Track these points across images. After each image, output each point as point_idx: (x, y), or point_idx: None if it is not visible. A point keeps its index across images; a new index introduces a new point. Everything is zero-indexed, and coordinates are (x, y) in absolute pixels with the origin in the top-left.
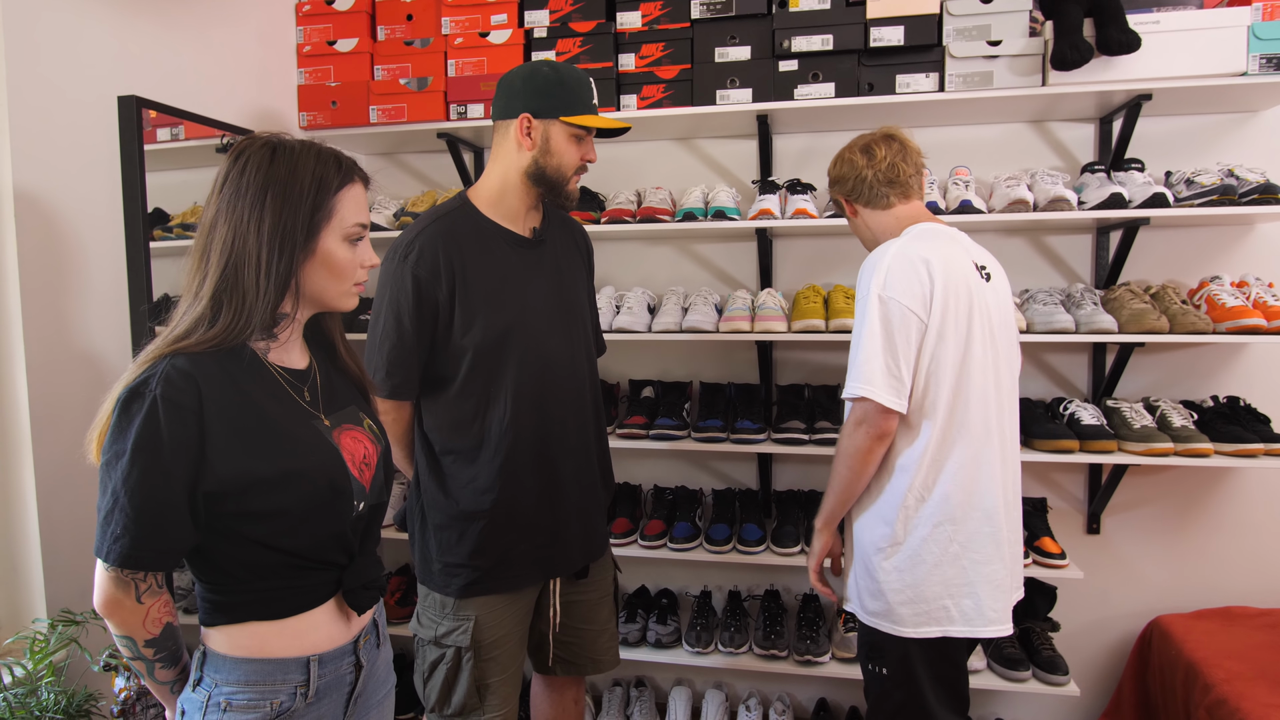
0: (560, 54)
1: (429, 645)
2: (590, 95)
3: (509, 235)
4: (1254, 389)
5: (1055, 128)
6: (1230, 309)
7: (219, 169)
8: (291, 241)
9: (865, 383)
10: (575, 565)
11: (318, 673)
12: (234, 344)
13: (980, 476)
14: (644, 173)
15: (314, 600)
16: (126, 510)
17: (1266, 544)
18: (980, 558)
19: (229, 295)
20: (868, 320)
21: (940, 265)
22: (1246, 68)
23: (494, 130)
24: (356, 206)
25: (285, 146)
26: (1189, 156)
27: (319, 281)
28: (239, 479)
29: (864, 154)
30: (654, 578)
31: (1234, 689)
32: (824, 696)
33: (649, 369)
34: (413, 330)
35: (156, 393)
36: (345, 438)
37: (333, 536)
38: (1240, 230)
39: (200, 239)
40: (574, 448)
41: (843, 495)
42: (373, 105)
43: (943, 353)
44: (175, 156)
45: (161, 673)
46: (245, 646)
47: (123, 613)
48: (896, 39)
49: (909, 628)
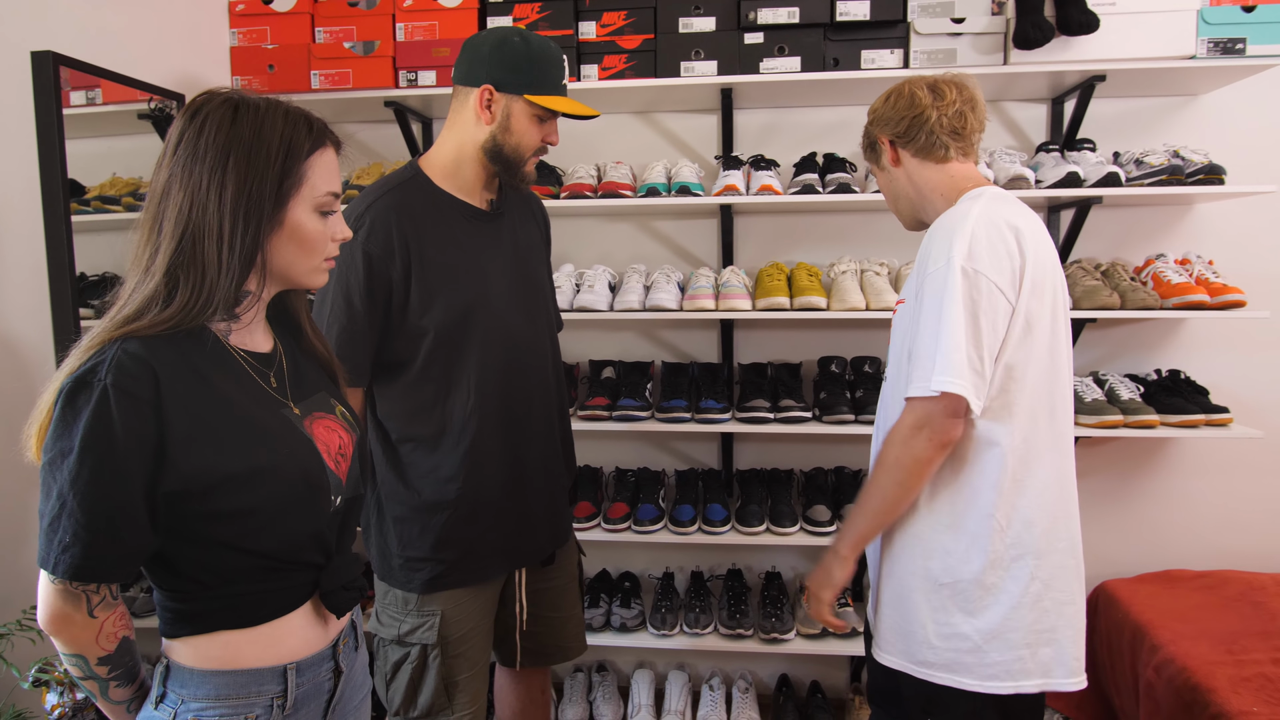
0: (518, 20)
1: (391, 645)
2: (561, 75)
3: (465, 208)
4: (1193, 362)
5: (1010, 107)
6: (1176, 285)
7: (173, 128)
8: (258, 211)
9: (951, 374)
10: (543, 553)
11: (295, 682)
12: (192, 325)
13: (1064, 499)
14: (602, 147)
15: (289, 604)
16: (76, 515)
17: (1202, 510)
18: (1064, 597)
19: (186, 270)
20: (950, 297)
21: (1030, 236)
22: (1195, 51)
23: (453, 94)
24: (328, 173)
25: (249, 104)
26: (1135, 138)
27: (287, 256)
28: (204, 476)
29: (931, 92)
30: (615, 561)
31: (1179, 648)
32: (785, 673)
33: (609, 349)
34: (364, 311)
35: (107, 381)
36: (318, 427)
37: (309, 535)
38: (1181, 210)
39: (150, 208)
40: (539, 431)
41: (884, 515)
42: (314, 70)
43: (1029, 345)
44: (91, 122)
45: (116, 692)
46: (215, 658)
47: (73, 629)
48: (862, 14)
49: (974, 679)
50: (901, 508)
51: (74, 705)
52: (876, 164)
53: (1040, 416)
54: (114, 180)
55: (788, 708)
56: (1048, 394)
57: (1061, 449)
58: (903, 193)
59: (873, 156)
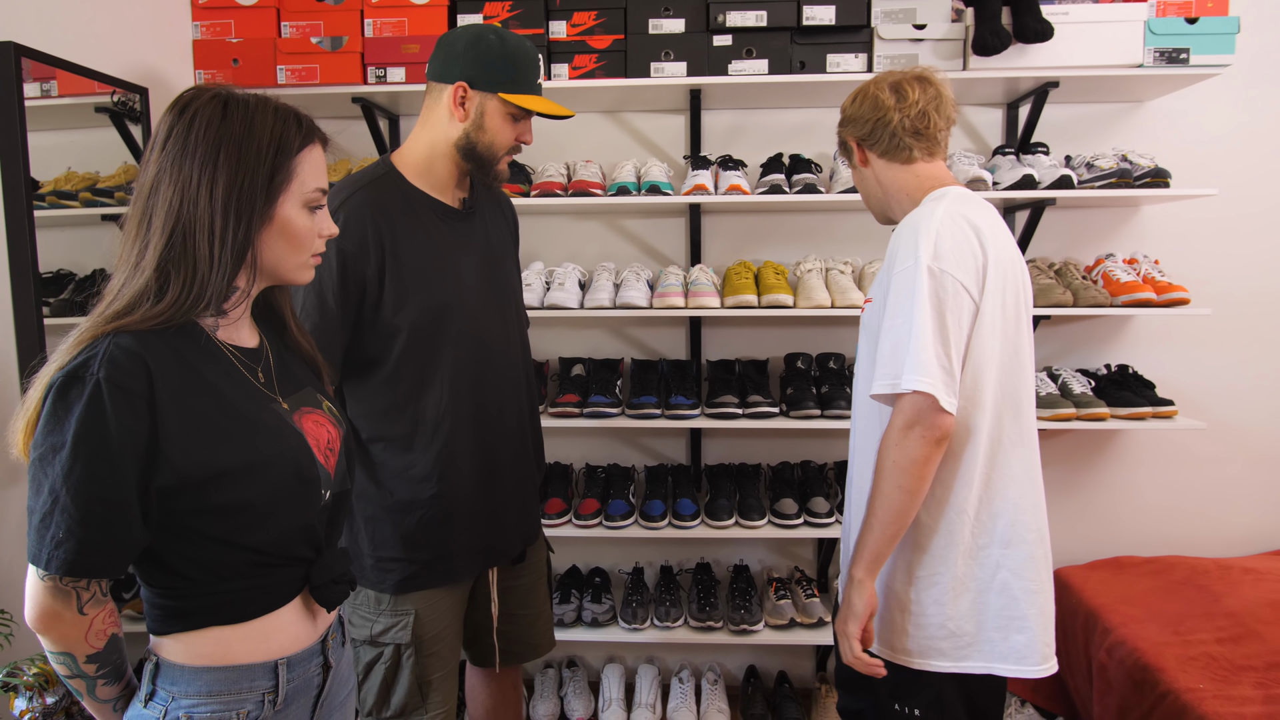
0: (489, 17)
1: (364, 645)
2: (536, 74)
3: (439, 206)
4: (1139, 357)
5: (967, 111)
6: (1125, 284)
7: (160, 124)
8: (249, 207)
9: (922, 374)
10: (514, 551)
11: (286, 677)
12: (184, 319)
13: (1030, 492)
14: (571, 146)
15: (280, 599)
16: (69, 511)
17: (1147, 498)
18: (1033, 586)
19: (177, 265)
20: (917, 297)
21: (990, 235)
22: (1143, 60)
23: (426, 91)
24: (317, 169)
25: (238, 100)
26: (1086, 142)
27: (277, 252)
28: (198, 471)
29: (893, 92)
30: (585, 557)
31: (1130, 631)
32: (753, 664)
33: (578, 346)
34: (337, 309)
35: (100, 376)
36: (307, 421)
37: (299, 529)
38: (1128, 211)
39: (139, 203)
40: (510, 430)
41: (894, 525)
42: (280, 65)
43: (992, 343)
44: (46, 115)
45: (104, 690)
46: (206, 654)
47: (62, 626)
48: (828, 18)
49: (948, 661)
50: (910, 514)
51: (43, 710)
52: (849, 163)
53: (1006, 411)
54: (69, 175)
55: (755, 698)
56: (1013, 389)
57: (1027, 442)
58: (872, 192)
59: (845, 155)
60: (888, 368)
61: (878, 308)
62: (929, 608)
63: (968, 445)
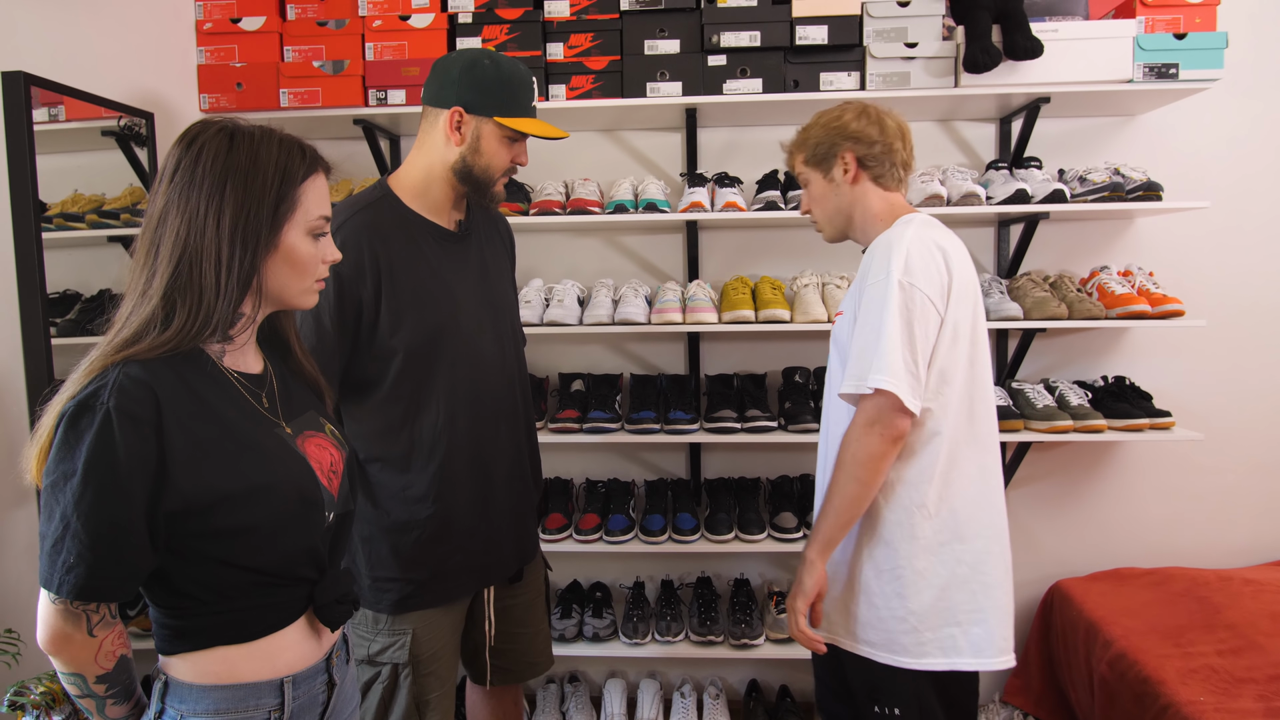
0: (487, 40)
1: (361, 664)
2: (530, 97)
3: (434, 229)
4: (1137, 368)
5: (960, 126)
6: (1119, 296)
7: (168, 156)
8: (255, 235)
9: (887, 374)
10: (510, 570)
11: (292, 695)
12: (189, 346)
13: (989, 491)
14: (570, 164)
15: (285, 619)
16: (80, 536)
17: (1148, 509)
18: (991, 580)
19: (183, 293)
20: (888, 307)
21: (954, 256)
22: (1132, 75)
23: (422, 115)
24: (320, 198)
25: (244, 133)
26: (1079, 156)
27: (281, 278)
28: (204, 496)
29: (896, 124)
30: (586, 571)
31: (1131, 643)
32: (755, 678)
33: (578, 362)
34: (334, 331)
35: (109, 405)
36: (310, 445)
37: (304, 551)
38: (1123, 224)
39: (147, 233)
40: (506, 449)
41: (847, 514)
42: (283, 88)
43: (955, 353)
44: (53, 139)
45: (113, 709)
46: (213, 673)
47: (72, 648)
48: (821, 38)
49: (911, 658)
50: (863, 505)
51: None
52: (823, 173)
53: (963, 415)
54: (75, 197)
55: (757, 712)
56: (969, 395)
57: (983, 445)
58: (842, 209)
59: (821, 165)
60: (855, 368)
61: (848, 321)
62: (891, 600)
63: (929, 445)
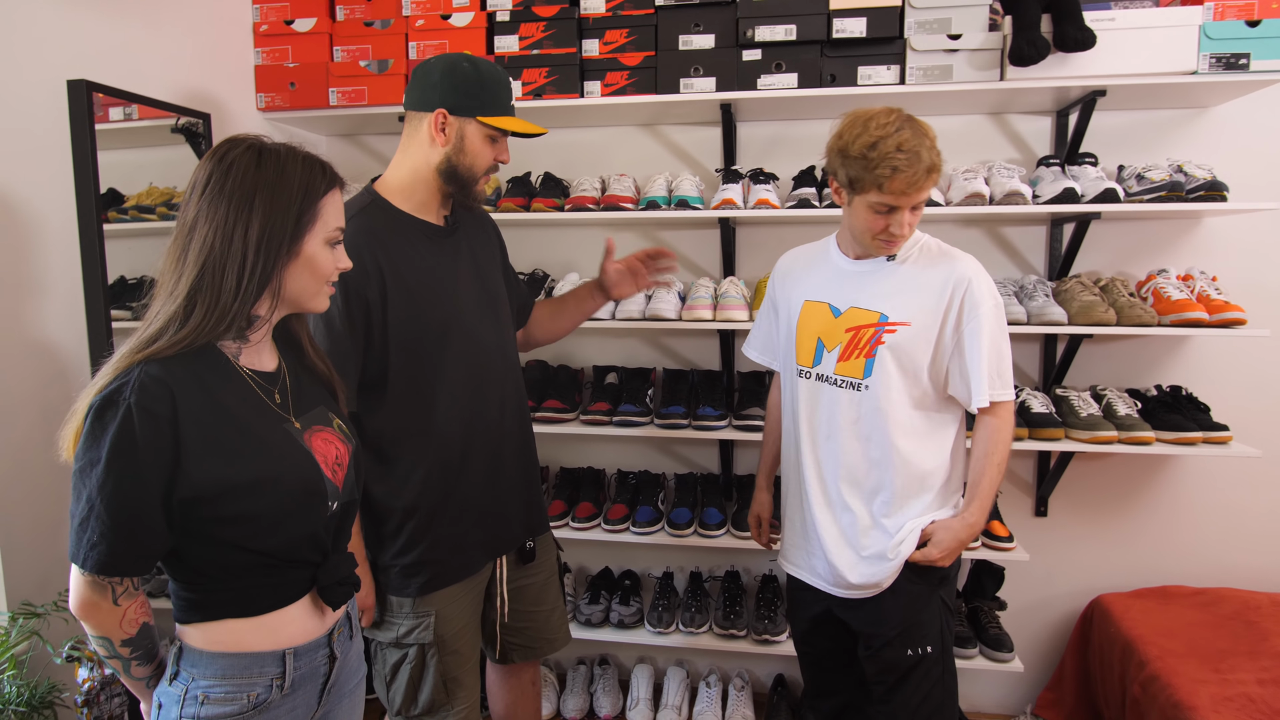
0: (524, 38)
1: (389, 648)
2: (509, 96)
3: (424, 226)
4: (1196, 378)
5: (1013, 119)
6: (1175, 302)
7: (198, 171)
8: (277, 244)
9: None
10: (518, 541)
11: (293, 665)
12: (205, 342)
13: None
14: (607, 158)
15: (289, 597)
16: (102, 518)
17: (1202, 526)
18: None
19: (203, 294)
20: (1000, 330)
21: None
22: (1197, 66)
23: (405, 120)
24: (337, 211)
25: (271, 150)
26: (1141, 150)
27: (300, 283)
28: (213, 485)
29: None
30: (617, 559)
31: (1166, 665)
32: (781, 673)
33: (612, 354)
34: (345, 333)
35: (131, 401)
36: (317, 439)
37: (306, 537)
38: (1188, 223)
39: (178, 241)
40: (511, 429)
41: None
42: (332, 88)
43: None
44: (129, 135)
45: (138, 669)
46: (221, 642)
47: (99, 615)
48: (859, 30)
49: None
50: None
51: (102, 679)
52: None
53: None
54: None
55: (781, 707)
56: None
57: None
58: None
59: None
60: (995, 381)
61: (920, 334)
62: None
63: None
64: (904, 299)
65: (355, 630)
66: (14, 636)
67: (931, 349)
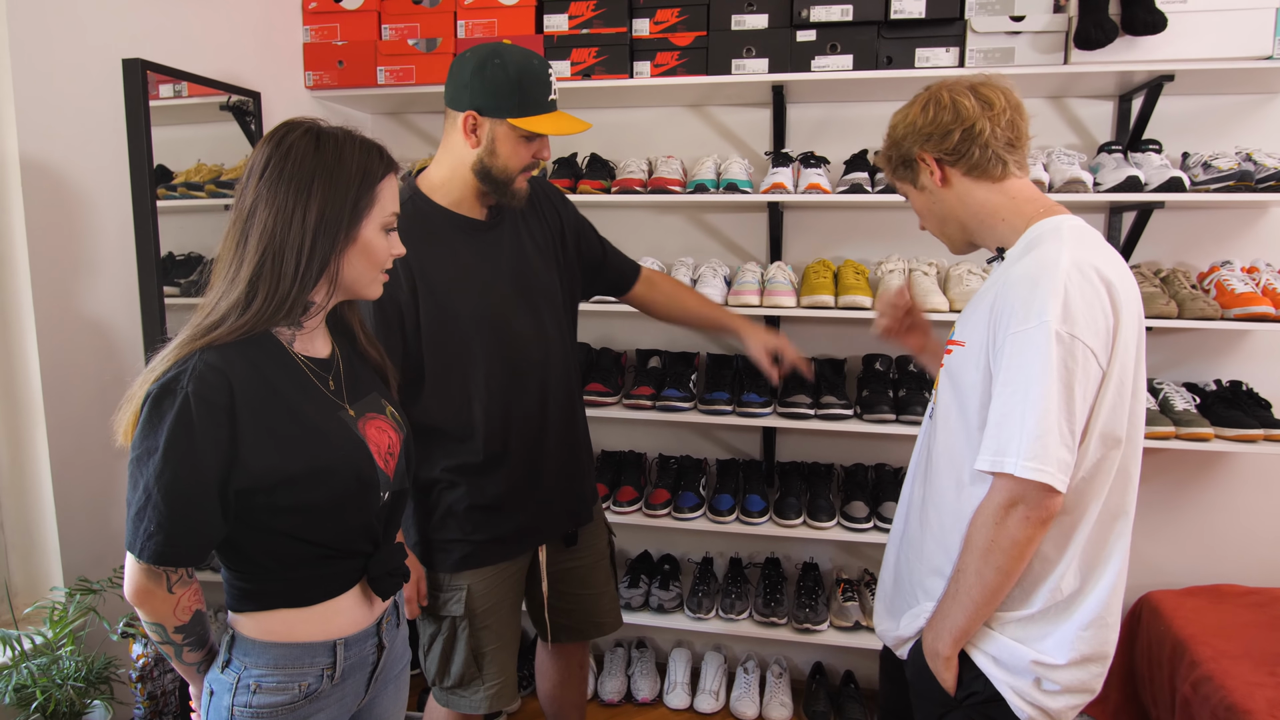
0: (573, 18)
1: (426, 618)
2: (546, 91)
3: (463, 221)
4: (1258, 373)
5: (1073, 104)
6: (1239, 295)
7: (255, 154)
8: (335, 228)
9: (1037, 460)
10: (563, 529)
11: (343, 655)
12: (265, 328)
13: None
14: (655, 139)
15: (340, 588)
16: (159, 508)
17: (1259, 525)
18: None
19: (265, 281)
20: (1042, 367)
21: (1121, 288)
22: (1273, 51)
23: (445, 115)
24: (393, 196)
25: (329, 134)
26: (1207, 137)
27: (356, 268)
28: (269, 476)
29: (976, 98)
30: (657, 543)
31: (1219, 666)
32: (820, 661)
33: (656, 338)
34: (382, 335)
35: (189, 390)
36: (370, 428)
37: (359, 527)
38: (1254, 214)
39: (237, 225)
40: (554, 418)
41: (986, 606)
42: (380, 66)
43: (1120, 413)
44: (179, 112)
45: (189, 655)
46: (274, 631)
47: (154, 602)
48: (918, 11)
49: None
50: (1005, 593)
51: (156, 656)
52: (912, 183)
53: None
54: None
55: (819, 695)
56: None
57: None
58: (953, 216)
59: (907, 175)
60: (996, 439)
61: (971, 356)
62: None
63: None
64: (970, 310)
65: (401, 618)
66: (71, 612)
67: (980, 377)
